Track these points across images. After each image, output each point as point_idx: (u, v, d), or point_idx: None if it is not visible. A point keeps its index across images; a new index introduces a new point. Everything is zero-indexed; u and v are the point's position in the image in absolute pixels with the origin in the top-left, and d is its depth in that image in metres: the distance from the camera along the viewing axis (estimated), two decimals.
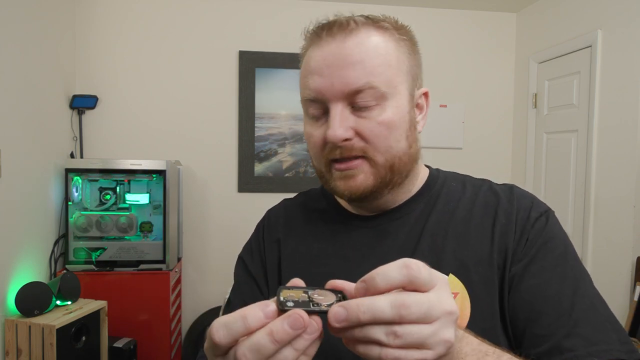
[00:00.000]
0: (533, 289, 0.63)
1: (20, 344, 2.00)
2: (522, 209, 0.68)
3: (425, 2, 3.10)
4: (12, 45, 2.13)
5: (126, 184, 2.56)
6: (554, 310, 0.61)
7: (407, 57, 0.66)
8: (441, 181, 0.75)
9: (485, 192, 0.72)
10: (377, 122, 0.62)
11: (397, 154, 0.65)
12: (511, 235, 0.66)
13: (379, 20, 0.67)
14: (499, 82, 3.27)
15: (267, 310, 0.39)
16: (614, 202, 2.34)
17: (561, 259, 0.64)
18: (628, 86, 2.28)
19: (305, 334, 0.38)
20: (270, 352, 0.38)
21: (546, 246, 0.65)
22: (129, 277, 2.47)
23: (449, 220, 0.69)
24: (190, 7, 2.99)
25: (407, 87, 0.66)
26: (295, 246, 0.75)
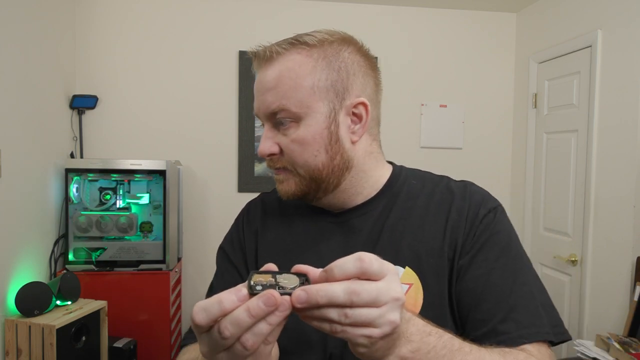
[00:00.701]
0: (476, 278, 0.70)
1: (20, 344, 2.00)
2: (473, 206, 0.74)
3: (425, 2, 3.10)
4: (12, 45, 2.13)
5: (126, 184, 2.56)
6: (493, 297, 0.68)
7: (326, 74, 0.70)
8: (402, 179, 0.81)
9: (442, 190, 0.78)
10: (291, 139, 0.71)
11: (317, 167, 0.72)
12: (462, 229, 0.73)
13: (299, 43, 0.71)
14: (499, 82, 3.27)
15: (240, 294, 0.46)
16: (614, 202, 2.34)
17: (504, 251, 0.72)
18: (628, 86, 2.28)
19: (277, 311, 0.45)
20: (248, 325, 0.45)
21: (491, 239, 0.72)
22: (129, 277, 2.47)
23: (407, 216, 0.76)
24: (190, 7, 2.99)
25: (326, 103, 0.71)
26: (271, 238, 0.82)
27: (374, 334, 0.46)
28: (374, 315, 0.46)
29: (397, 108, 3.12)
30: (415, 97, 3.15)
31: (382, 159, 0.82)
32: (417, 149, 3.17)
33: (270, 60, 0.72)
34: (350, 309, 0.45)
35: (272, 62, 0.71)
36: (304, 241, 0.79)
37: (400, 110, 3.13)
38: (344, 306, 0.45)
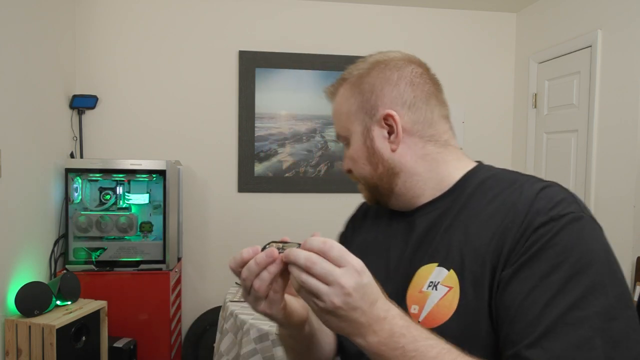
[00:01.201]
0: (515, 295, 0.63)
1: (20, 344, 2.01)
2: (533, 211, 0.66)
3: (425, 2, 3.11)
4: (12, 45, 2.13)
5: (126, 184, 2.56)
6: (526, 318, 0.61)
7: (354, 98, 0.81)
8: (476, 180, 0.78)
9: (512, 191, 0.72)
10: (348, 158, 0.85)
11: (367, 177, 0.83)
12: (510, 237, 0.66)
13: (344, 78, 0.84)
14: (499, 82, 3.27)
15: (255, 250, 0.64)
16: (614, 202, 2.34)
17: (557, 268, 0.61)
18: (628, 86, 2.28)
19: (275, 262, 0.61)
20: (256, 272, 0.62)
21: (542, 253, 0.63)
22: (129, 277, 2.47)
23: (466, 219, 0.73)
24: (190, 7, 2.99)
25: (359, 123, 0.81)
26: (361, 237, 0.93)
27: (318, 304, 0.57)
28: (321, 289, 0.56)
29: None
30: None
31: (445, 160, 0.80)
32: None
33: (330, 97, 0.88)
34: (305, 275, 0.57)
35: (331, 98, 0.87)
36: (380, 239, 0.87)
37: None
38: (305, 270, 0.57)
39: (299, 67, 3.07)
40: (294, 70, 3.07)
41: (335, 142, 3.14)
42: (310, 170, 3.14)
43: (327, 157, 3.15)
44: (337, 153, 3.15)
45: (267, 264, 0.62)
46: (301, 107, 3.09)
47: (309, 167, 3.13)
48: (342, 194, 3.17)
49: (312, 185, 3.14)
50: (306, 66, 3.07)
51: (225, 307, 2.06)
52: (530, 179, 0.74)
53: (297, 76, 3.08)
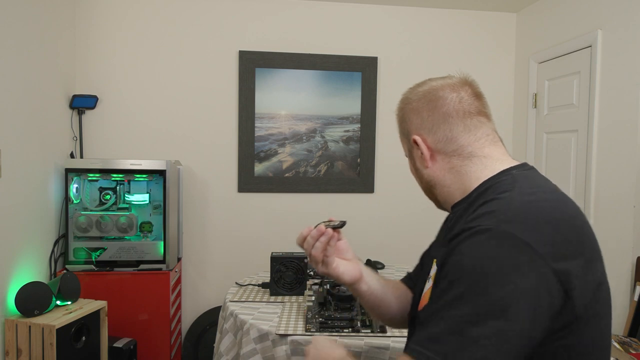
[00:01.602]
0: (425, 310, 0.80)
1: (20, 344, 2.01)
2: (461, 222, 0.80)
3: (425, 2, 3.11)
4: (12, 45, 2.13)
5: (126, 184, 2.56)
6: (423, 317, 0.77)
7: (399, 127, 0.97)
8: (484, 189, 0.83)
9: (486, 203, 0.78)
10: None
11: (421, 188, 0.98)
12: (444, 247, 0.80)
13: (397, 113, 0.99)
14: (499, 82, 3.27)
15: (310, 228, 0.98)
16: (614, 202, 2.34)
17: (449, 287, 0.70)
18: (628, 86, 2.28)
19: (324, 235, 0.97)
20: (311, 243, 0.97)
21: (446, 267, 0.73)
22: (129, 277, 2.47)
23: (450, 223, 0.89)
24: (190, 7, 2.99)
25: (405, 146, 0.97)
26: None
27: None
28: None
29: None
30: None
31: (468, 171, 0.88)
32: None
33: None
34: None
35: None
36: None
37: None
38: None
39: (299, 67, 3.07)
40: (294, 70, 3.07)
41: (335, 142, 3.15)
42: (310, 170, 3.14)
43: (327, 157, 3.15)
44: (337, 153, 3.15)
45: (319, 236, 0.96)
46: (301, 107, 3.09)
47: (309, 167, 3.13)
48: (342, 194, 3.17)
49: (312, 185, 3.14)
50: (306, 66, 3.07)
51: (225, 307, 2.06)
52: (519, 190, 0.76)
53: (297, 76, 3.08)
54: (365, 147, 3.17)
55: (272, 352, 1.60)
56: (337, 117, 3.13)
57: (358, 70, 3.12)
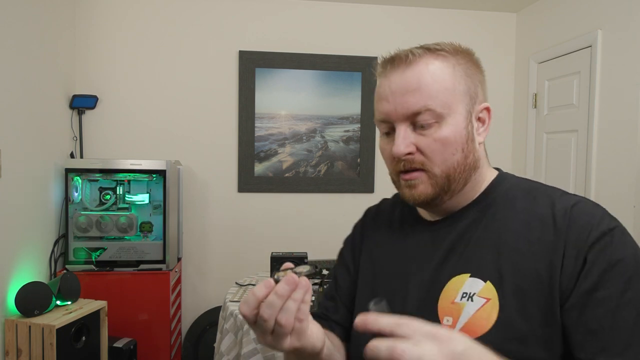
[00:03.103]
0: (599, 319, 0.64)
1: (20, 344, 2.00)
2: (578, 227, 0.68)
3: (425, 2, 3.11)
4: (12, 45, 2.13)
5: (126, 184, 2.56)
6: (621, 340, 0.62)
7: (463, 80, 0.76)
8: (503, 188, 0.79)
9: (544, 205, 0.73)
10: (434, 139, 0.73)
11: (452, 165, 0.74)
12: (559, 252, 0.67)
13: (437, 50, 0.77)
14: (499, 82, 3.27)
15: (268, 284, 0.60)
16: (614, 202, 2.34)
17: (631, 282, 0.64)
18: (628, 86, 2.28)
19: (298, 288, 0.60)
20: (279, 305, 0.59)
21: (613, 270, 0.65)
22: (129, 277, 2.47)
23: (498, 230, 0.74)
24: (190, 7, 2.99)
25: (464, 106, 0.75)
26: (374, 240, 0.89)
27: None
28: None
29: None
30: None
31: (488, 163, 0.83)
32: None
33: (412, 63, 0.75)
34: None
35: (412, 65, 0.75)
36: (401, 249, 0.83)
37: None
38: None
39: (299, 67, 3.07)
40: (294, 70, 3.07)
41: (335, 142, 3.14)
42: (310, 170, 3.14)
43: (327, 157, 3.15)
44: (337, 153, 3.15)
45: (291, 292, 0.59)
46: (301, 107, 3.09)
47: (309, 167, 3.13)
48: (342, 194, 3.17)
49: (312, 185, 3.14)
50: (306, 66, 3.07)
51: (225, 307, 2.06)
52: (556, 191, 0.75)
53: (297, 76, 3.08)
54: (365, 147, 3.17)
55: (273, 352, 1.60)
56: (337, 117, 3.13)
57: (358, 70, 3.12)
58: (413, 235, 0.83)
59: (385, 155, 0.78)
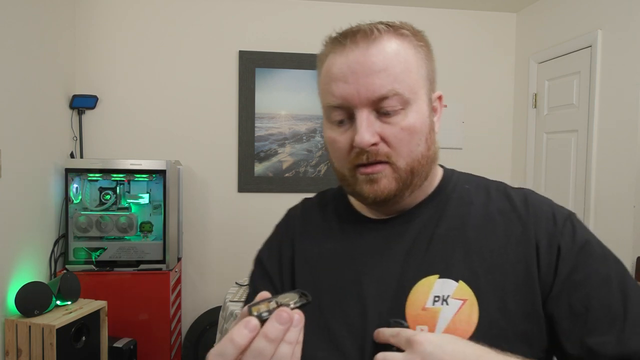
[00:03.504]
0: (582, 300, 0.63)
1: (20, 344, 2.00)
2: (543, 217, 0.67)
3: (425, 2, 3.11)
4: (12, 45, 2.13)
5: (126, 184, 2.56)
6: (608, 317, 0.62)
7: (424, 63, 0.68)
8: (453, 183, 0.75)
9: (500, 198, 0.71)
10: (401, 127, 0.65)
11: (417, 158, 0.66)
12: (532, 243, 0.66)
13: (399, 28, 0.67)
14: (499, 82, 3.27)
15: (251, 326, 0.45)
16: (614, 202, 2.34)
17: (601, 260, 0.65)
18: (628, 86, 2.28)
19: (293, 326, 0.46)
20: (271, 353, 0.44)
21: (584, 252, 0.65)
22: (129, 277, 2.47)
23: (460, 226, 0.69)
24: (190, 7, 2.99)
25: (425, 92, 0.68)
26: (308, 245, 0.77)
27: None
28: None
29: None
30: None
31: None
32: None
33: (376, 39, 0.64)
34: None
35: (377, 42, 0.64)
36: (343, 251, 0.73)
37: None
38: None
39: (299, 67, 3.06)
40: (294, 70, 3.07)
41: None
42: (310, 170, 3.14)
43: (327, 157, 3.14)
44: None
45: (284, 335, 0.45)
46: (301, 107, 3.09)
47: (309, 167, 3.13)
48: None
49: (312, 185, 3.14)
50: (306, 66, 3.07)
51: (225, 307, 2.06)
52: (502, 184, 0.74)
53: (297, 76, 3.08)
54: None
55: None
56: None
57: None
58: (360, 237, 0.73)
59: (339, 147, 0.68)
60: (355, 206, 0.77)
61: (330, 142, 0.70)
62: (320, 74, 0.71)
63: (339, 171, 0.70)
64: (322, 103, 0.70)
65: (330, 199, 0.82)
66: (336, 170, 0.71)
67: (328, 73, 0.68)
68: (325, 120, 0.71)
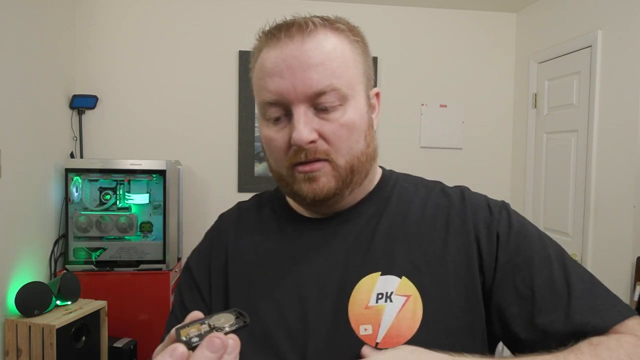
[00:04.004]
0: (526, 282, 0.63)
1: (20, 344, 2.00)
2: (479, 208, 0.69)
3: (425, 2, 3.10)
4: (12, 45, 2.13)
5: (126, 184, 2.56)
6: (554, 295, 0.62)
7: (362, 58, 0.67)
8: (393, 182, 0.75)
9: (437, 194, 0.72)
10: (340, 124, 0.63)
11: (357, 155, 0.65)
12: (471, 234, 0.66)
13: (335, 22, 0.67)
14: (498, 82, 3.27)
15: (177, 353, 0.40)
16: (614, 202, 2.34)
17: (539, 242, 0.66)
18: (628, 86, 2.28)
19: (227, 353, 0.41)
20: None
21: (521, 236, 0.66)
22: (129, 277, 2.47)
23: (401, 223, 0.69)
24: (190, 7, 2.99)
25: (363, 87, 0.67)
26: (243, 248, 0.74)
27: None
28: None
29: (397, 108, 3.11)
30: (415, 97, 3.15)
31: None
32: (417, 149, 3.17)
33: (312, 33, 0.64)
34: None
35: (313, 35, 0.64)
36: (282, 252, 0.71)
37: (400, 110, 3.12)
38: None
39: None
40: None
41: None
42: None
43: None
44: None
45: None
46: None
47: None
48: None
49: None
50: None
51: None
52: (439, 182, 0.76)
53: None
54: None
55: None
56: None
57: None
58: (299, 237, 0.71)
59: (276, 146, 0.65)
60: (294, 206, 0.75)
61: (266, 140, 0.67)
62: (253, 69, 0.69)
63: (276, 171, 0.69)
64: (257, 100, 0.67)
65: (266, 201, 0.80)
66: (273, 171, 0.69)
67: (262, 68, 0.65)
68: (260, 118, 0.68)
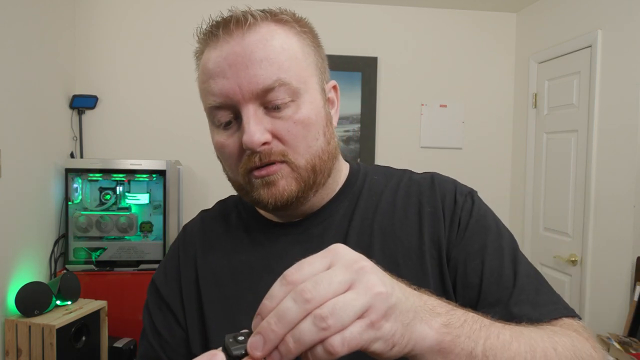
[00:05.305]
0: (477, 270, 0.63)
1: (20, 344, 2.00)
2: (447, 194, 0.68)
3: (425, 2, 3.10)
4: (11, 45, 2.13)
5: (126, 184, 2.56)
6: (498, 285, 0.62)
7: (311, 50, 0.63)
8: (362, 176, 0.72)
9: (406, 183, 0.71)
10: (294, 121, 0.59)
11: (317, 153, 0.61)
12: (441, 222, 0.65)
13: (278, 14, 0.62)
14: (499, 82, 3.27)
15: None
16: (614, 202, 2.34)
17: (496, 234, 0.66)
18: (628, 86, 2.27)
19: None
20: None
21: (479, 225, 0.65)
22: (129, 277, 2.47)
23: (373, 216, 0.67)
24: (190, 6, 2.99)
25: (317, 80, 0.63)
26: (214, 261, 0.70)
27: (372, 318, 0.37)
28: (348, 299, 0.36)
29: (397, 108, 3.11)
30: (415, 97, 3.15)
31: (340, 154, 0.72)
32: (417, 149, 3.17)
33: (252, 27, 0.58)
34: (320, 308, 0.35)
35: (253, 29, 0.58)
36: (257, 262, 0.67)
37: (400, 110, 3.12)
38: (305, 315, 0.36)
39: None
40: None
41: None
42: None
43: None
44: None
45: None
46: None
47: None
48: None
49: None
50: None
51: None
52: (407, 171, 0.75)
53: None
54: (365, 147, 3.16)
55: None
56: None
57: (358, 70, 3.12)
58: (273, 244, 0.67)
59: (229, 152, 0.62)
60: (261, 211, 0.71)
61: (218, 148, 0.63)
62: (197, 73, 0.65)
63: (233, 180, 0.65)
64: (204, 105, 0.63)
65: (232, 208, 0.76)
66: (231, 180, 0.66)
67: (204, 70, 0.62)
68: (210, 125, 0.64)
